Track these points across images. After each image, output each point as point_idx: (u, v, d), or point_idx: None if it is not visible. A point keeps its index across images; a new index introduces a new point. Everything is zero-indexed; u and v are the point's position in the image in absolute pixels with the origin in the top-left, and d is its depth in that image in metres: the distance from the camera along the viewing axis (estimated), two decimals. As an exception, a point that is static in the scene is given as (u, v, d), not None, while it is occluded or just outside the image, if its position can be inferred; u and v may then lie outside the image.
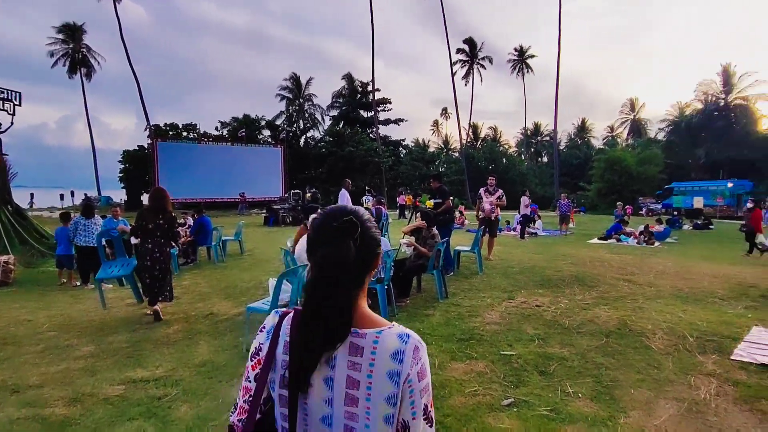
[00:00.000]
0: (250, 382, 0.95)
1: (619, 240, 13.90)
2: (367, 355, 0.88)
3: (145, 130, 37.13)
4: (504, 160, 50.48)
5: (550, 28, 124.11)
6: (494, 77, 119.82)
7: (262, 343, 0.97)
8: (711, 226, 18.89)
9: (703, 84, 47.02)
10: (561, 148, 52.67)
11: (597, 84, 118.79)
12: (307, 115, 47.76)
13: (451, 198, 8.07)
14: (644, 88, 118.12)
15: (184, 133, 38.85)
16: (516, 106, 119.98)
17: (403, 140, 48.55)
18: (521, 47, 56.42)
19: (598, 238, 14.43)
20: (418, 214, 6.18)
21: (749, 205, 12.39)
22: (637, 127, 61.86)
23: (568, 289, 6.53)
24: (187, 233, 9.73)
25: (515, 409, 3.06)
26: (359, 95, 47.89)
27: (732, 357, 3.87)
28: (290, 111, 45.14)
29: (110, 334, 4.77)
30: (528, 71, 57.35)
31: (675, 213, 25.55)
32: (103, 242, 6.26)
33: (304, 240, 5.25)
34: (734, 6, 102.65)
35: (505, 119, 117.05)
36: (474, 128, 60.12)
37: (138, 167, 35.05)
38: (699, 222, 19.27)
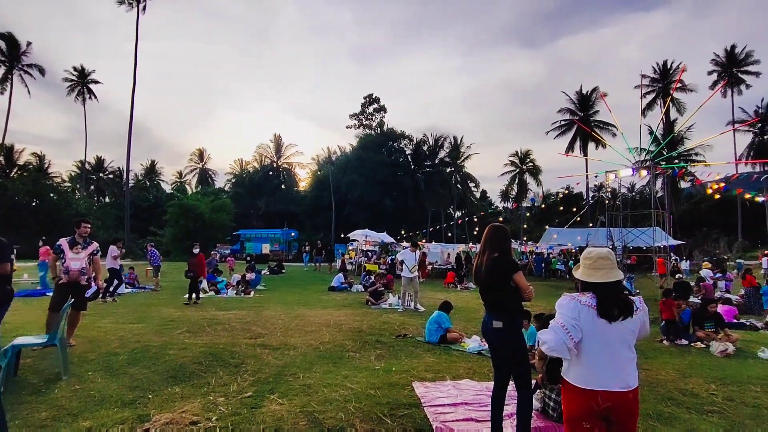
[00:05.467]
0: None
1: (218, 292, 13.08)
2: None
3: None
4: (53, 196, 40.88)
5: (122, 59, 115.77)
6: (41, 95, 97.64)
7: None
8: (283, 270, 21.38)
9: (261, 147, 55.69)
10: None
11: (164, 127, 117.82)
12: None
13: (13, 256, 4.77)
14: (211, 140, 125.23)
15: None
16: (71, 133, 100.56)
17: None
18: (83, 68, 48.91)
19: (195, 291, 13.11)
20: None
21: (195, 250, 11.45)
22: (205, 176, 65.48)
23: (212, 377, 4.89)
24: None
25: None
26: None
27: (437, 435, 3.54)
28: None
29: None
30: (90, 97, 50.13)
31: (249, 258, 27.60)
32: None
33: None
34: (288, 85, 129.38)
35: (54, 147, 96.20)
36: (8, 151, 46.02)
37: None
38: (275, 267, 21.46)
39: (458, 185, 52.82)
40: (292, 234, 40.39)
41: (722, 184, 20.84)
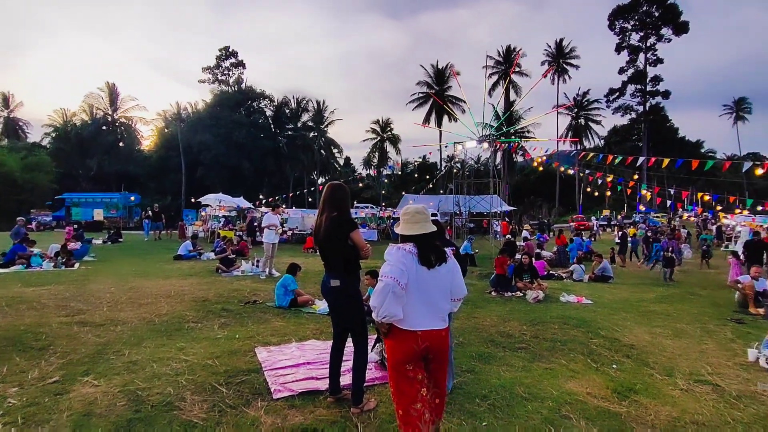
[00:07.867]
0: None
1: (29, 265, 10.97)
2: None
3: None
4: None
5: None
6: None
7: None
8: (121, 239, 18.90)
9: (91, 97, 47.39)
10: None
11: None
12: None
13: None
14: (21, 83, 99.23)
15: None
16: None
17: None
18: None
19: (-3, 266, 10.82)
20: None
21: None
22: (13, 127, 53.76)
23: (5, 365, 4.03)
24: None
25: None
26: None
27: (275, 397, 3.44)
28: None
29: None
30: None
31: (76, 226, 23.74)
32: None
33: None
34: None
35: None
36: None
37: None
38: (112, 234, 18.88)
39: (321, 151, 52.44)
40: (133, 198, 35.79)
41: (545, 158, 24.26)
